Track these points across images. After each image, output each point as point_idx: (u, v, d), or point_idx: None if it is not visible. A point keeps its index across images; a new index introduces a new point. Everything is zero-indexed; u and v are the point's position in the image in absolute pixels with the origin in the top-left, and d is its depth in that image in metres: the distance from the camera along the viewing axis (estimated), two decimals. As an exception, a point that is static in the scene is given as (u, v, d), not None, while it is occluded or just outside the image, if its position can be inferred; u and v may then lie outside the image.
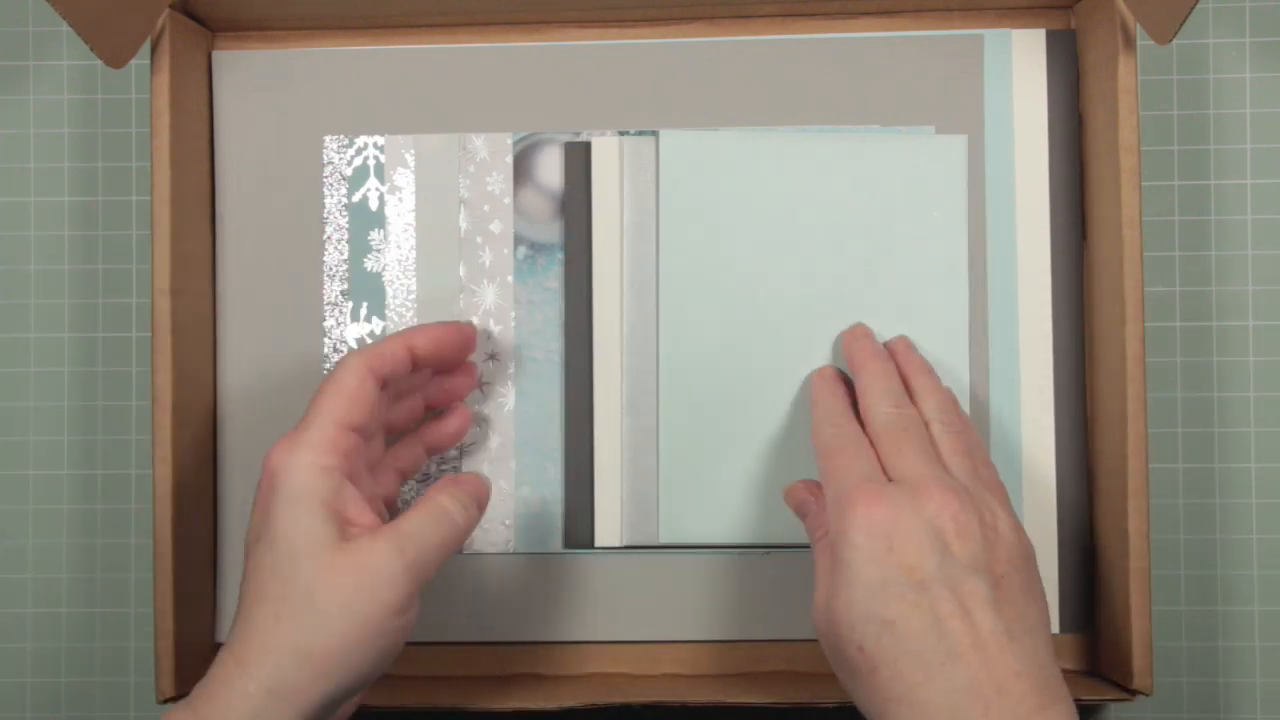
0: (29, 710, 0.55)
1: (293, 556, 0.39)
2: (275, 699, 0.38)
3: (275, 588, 0.39)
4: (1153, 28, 0.46)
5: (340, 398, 0.41)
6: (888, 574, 0.38)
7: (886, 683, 0.37)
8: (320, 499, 0.39)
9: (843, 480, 0.41)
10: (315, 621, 0.38)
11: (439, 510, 0.41)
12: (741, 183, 0.50)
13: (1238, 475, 0.54)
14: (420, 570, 0.40)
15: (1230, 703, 0.54)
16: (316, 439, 0.40)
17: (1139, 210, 0.47)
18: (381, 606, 0.38)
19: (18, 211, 0.56)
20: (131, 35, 0.48)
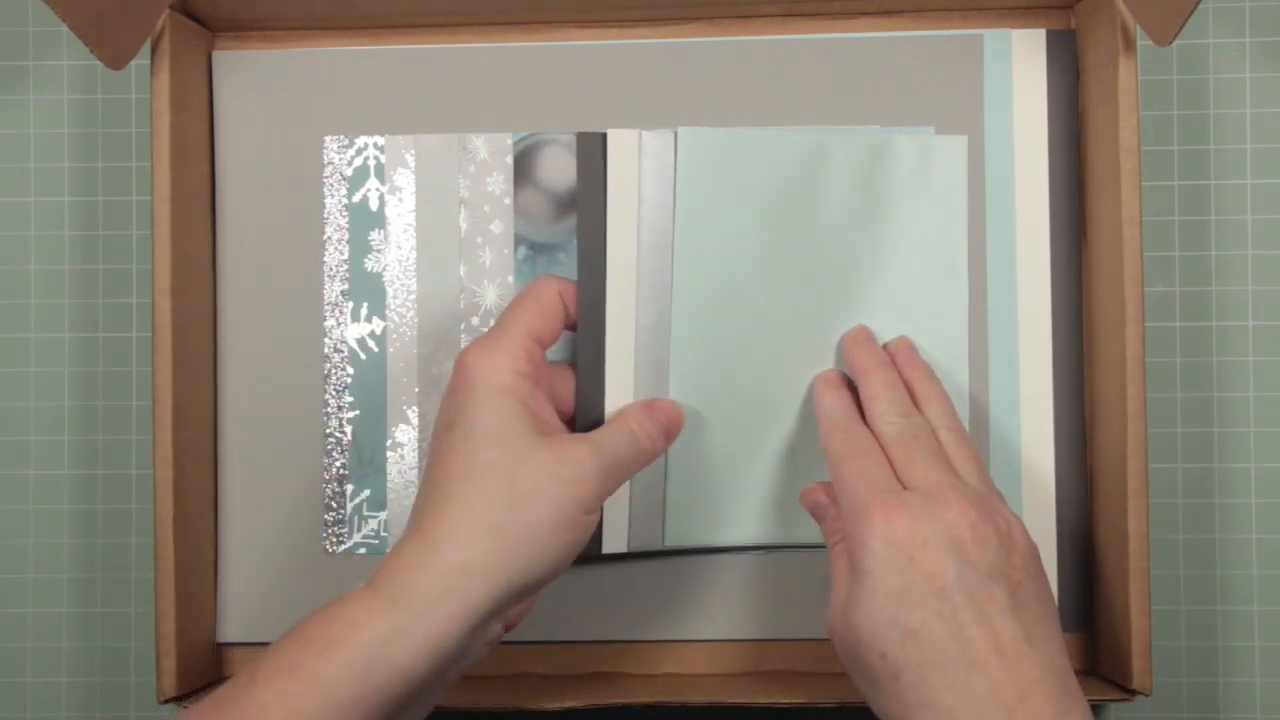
0: (29, 710, 0.55)
1: (491, 442, 0.40)
2: (465, 575, 0.38)
3: (473, 469, 0.40)
4: (1153, 29, 0.46)
5: (537, 311, 0.44)
6: (910, 582, 0.38)
7: (909, 689, 0.38)
8: (518, 399, 0.41)
9: (858, 488, 0.41)
10: (512, 501, 0.39)
11: (628, 431, 0.43)
12: (755, 180, 0.49)
13: (1238, 475, 0.54)
14: (610, 476, 0.41)
15: (1230, 703, 0.54)
16: (510, 344, 0.42)
17: (1139, 210, 0.47)
18: (575, 499, 0.40)
19: (18, 211, 0.56)
20: (131, 36, 0.48)
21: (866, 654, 0.39)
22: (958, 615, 0.38)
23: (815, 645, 0.52)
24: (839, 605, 0.41)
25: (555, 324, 0.44)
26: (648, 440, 0.44)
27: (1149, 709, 0.54)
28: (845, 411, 0.45)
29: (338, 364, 0.53)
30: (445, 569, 0.38)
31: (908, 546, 0.39)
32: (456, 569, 0.38)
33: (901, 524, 0.39)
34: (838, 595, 0.41)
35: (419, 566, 0.39)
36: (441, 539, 0.39)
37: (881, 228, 0.50)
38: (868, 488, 0.41)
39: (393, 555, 0.40)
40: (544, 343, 0.44)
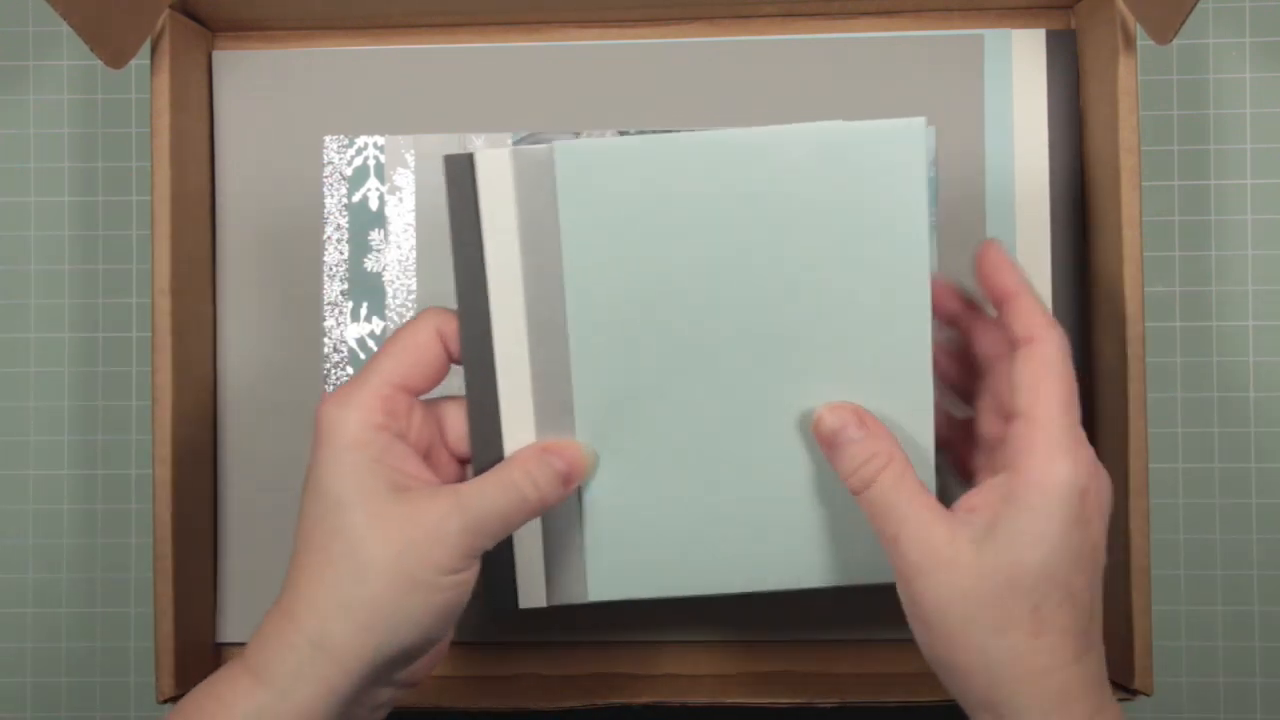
0: (29, 710, 0.55)
1: (339, 506, 0.38)
2: (320, 651, 0.37)
3: (319, 538, 0.38)
4: (1153, 28, 0.46)
5: (403, 355, 0.40)
6: (1084, 544, 0.37)
7: (1045, 651, 0.36)
8: (368, 453, 0.38)
9: (1056, 418, 0.37)
10: (359, 573, 0.37)
11: (508, 481, 0.39)
12: (650, 194, 0.41)
13: (1238, 475, 0.54)
14: (477, 535, 0.38)
15: (1230, 703, 0.54)
16: (364, 396, 0.39)
17: (1139, 210, 0.47)
18: (431, 564, 0.37)
19: (18, 211, 0.56)
20: (131, 35, 0.48)
21: (1015, 600, 0.36)
22: (1095, 593, 0.37)
23: (815, 645, 0.52)
24: (978, 533, 0.37)
25: (431, 366, 0.40)
26: (534, 489, 0.39)
27: (1150, 709, 0.54)
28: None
29: (338, 364, 0.53)
30: (303, 645, 0.37)
31: (1091, 509, 0.37)
32: (313, 645, 0.37)
33: (1096, 486, 0.37)
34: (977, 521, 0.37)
35: (280, 642, 0.37)
36: (298, 613, 0.37)
37: (821, 229, 0.41)
38: (1068, 422, 0.37)
39: (261, 627, 0.38)
40: (415, 388, 0.40)
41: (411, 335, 0.40)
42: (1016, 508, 0.37)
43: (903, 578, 0.38)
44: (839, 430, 0.40)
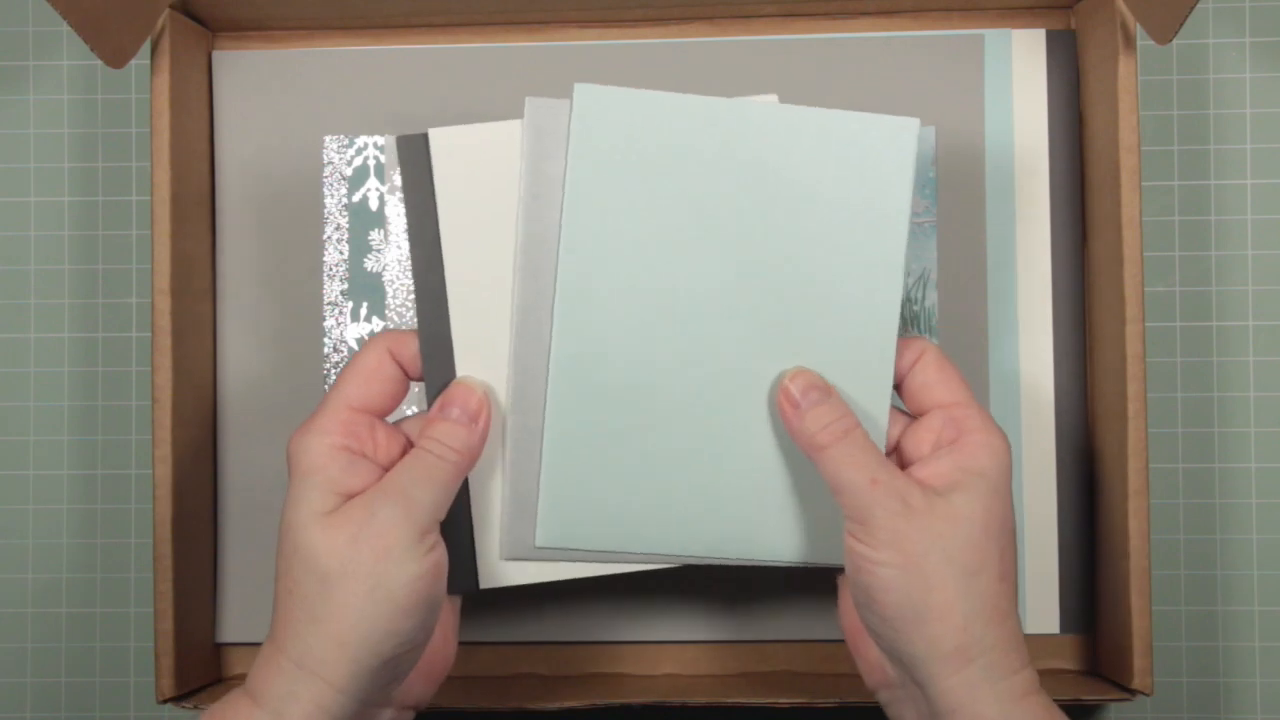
0: (29, 710, 0.55)
1: (294, 531, 0.39)
2: (303, 670, 0.38)
3: (283, 564, 0.40)
4: (1153, 28, 0.46)
5: (355, 379, 0.42)
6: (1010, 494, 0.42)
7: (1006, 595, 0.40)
8: (326, 476, 0.40)
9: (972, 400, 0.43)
10: (322, 589, 0.39)
11: (421, 452, 0.41)
12: (663, 151, 0.43)
13: (1238, 475, 0.54)
14: (415, 514, 0.39)
15: (1230, 703, 0.54)
16: (326, 421, 0.41)
17: (1139, 210, 0.47)
18: (383, 557, 0.39)
19: (18, 211, 0.56)
20: (131, 35, 0.48)
21: (988, 543, 0.40)
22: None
23: (815, 645, 0.52)
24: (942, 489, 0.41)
25: (386, 385, 0.42)
26: (448, 448, 0.41)
27: (1149, 709, 0.54)
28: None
29: (338, 364, 0.53)
30: (289, 667, 0.39)
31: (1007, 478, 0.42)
32: (296, 665, 0.39)
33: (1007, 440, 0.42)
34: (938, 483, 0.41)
35: (270, 667, 0.39)
36: (281, 637, 0.39)
37: (814, 215, 0.43)
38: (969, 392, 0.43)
39: (257, 655, 0.40)
40: (375, 408, 0.42)
41: (363, 359, 0.42)
42: (975, 472, 0.41)
43: (873, 532, 0.40)
44: (805, 391, 0.42)
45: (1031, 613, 0.52)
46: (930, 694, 0.39)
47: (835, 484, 0.41)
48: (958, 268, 0.52)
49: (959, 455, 0.41)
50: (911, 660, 0.39)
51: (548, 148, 0.43)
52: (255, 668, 0.40)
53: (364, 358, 0.42)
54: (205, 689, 0.51)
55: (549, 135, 0.43)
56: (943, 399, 0.43)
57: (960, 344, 0.52)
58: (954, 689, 0.39)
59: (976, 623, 0.39)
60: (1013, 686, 0.39)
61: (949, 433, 0.42)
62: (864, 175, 0.43)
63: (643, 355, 0.43)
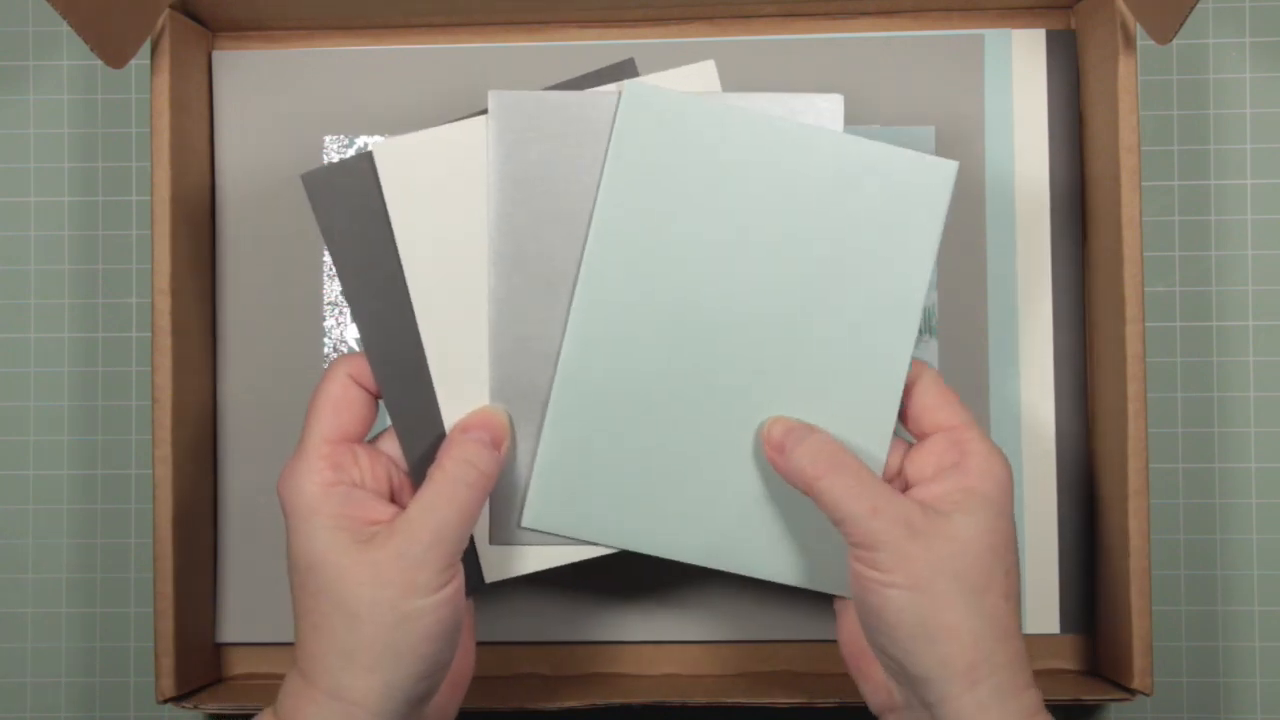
0: (29, 710, 0.55)
1: (313, 569, 0.40)
2: (338, 702, 0.39)
3: (308, 602, 0.40)
4: (1153, 28, 0.46)
5: (325, 412, 0.42)
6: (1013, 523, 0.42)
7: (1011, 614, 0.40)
8: (328, 512, 0.40)
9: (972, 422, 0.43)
10: (349, 623, 0.39)
11: (445, 479, 0.41)
12: (702, 160, 0.42)
13: (1238, 475, 0.54)
14: (443, 544, 0.39)
15: (1230, 703, 0.54)
16: (312, 461, 0.41)
17: (1139, 210, 0.47)
18: (409, 590, 0.39)
19: (18, 211, 0.56)
20: (131, 35, 0.48)
21: (994, 562, 0.40)
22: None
23: (815, 645, 0.52)
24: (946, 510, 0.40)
25: (356, 410, 0.42)
26: (470, 469, 0.41)
27: (1149, 709, 0.54)
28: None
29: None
30: (323, 699, 0.39)
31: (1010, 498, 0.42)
32: (331, 697, 0.39)
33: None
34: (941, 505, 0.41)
35: (301, 696, 0.40)
36: (312, 672, 0.40)
37: (838, 242, 0.43)
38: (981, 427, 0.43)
39: (284, 684, 0.41)
40: (352, 434, 0.42)
41: (328, 390, 0.42)
42: (978, 494, 0.41)
43: (884, 550, 0.39)
44: (786, 434, 0.42)
45: (1031, 613, 0.52)
46: (940, 714, 0.39)
47: (835, 515, 0.40)
48: (958, 267, 0.52)
49: (961, 477, 0.41)
50: (923, 681, 0.39)
51: (519, 138, 0.43)
52: (285, 696, 0.40)
53: (328, 389, 0.42)
54: (205, 689, 0.51)
55: (518, 126, 0.43)
56: (943, 422, 0.43)
57: (960, 344, 0.52)
58: (965, 709, 0.39)
59: (986, 641, 0.39)
60: (1021, 706, 0.39)
61: (950, 456, 0.42)
62: (896, 211, 0.43)
63: (653, 363, 0.43)
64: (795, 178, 0.43)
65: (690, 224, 0.43)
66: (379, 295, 0.43)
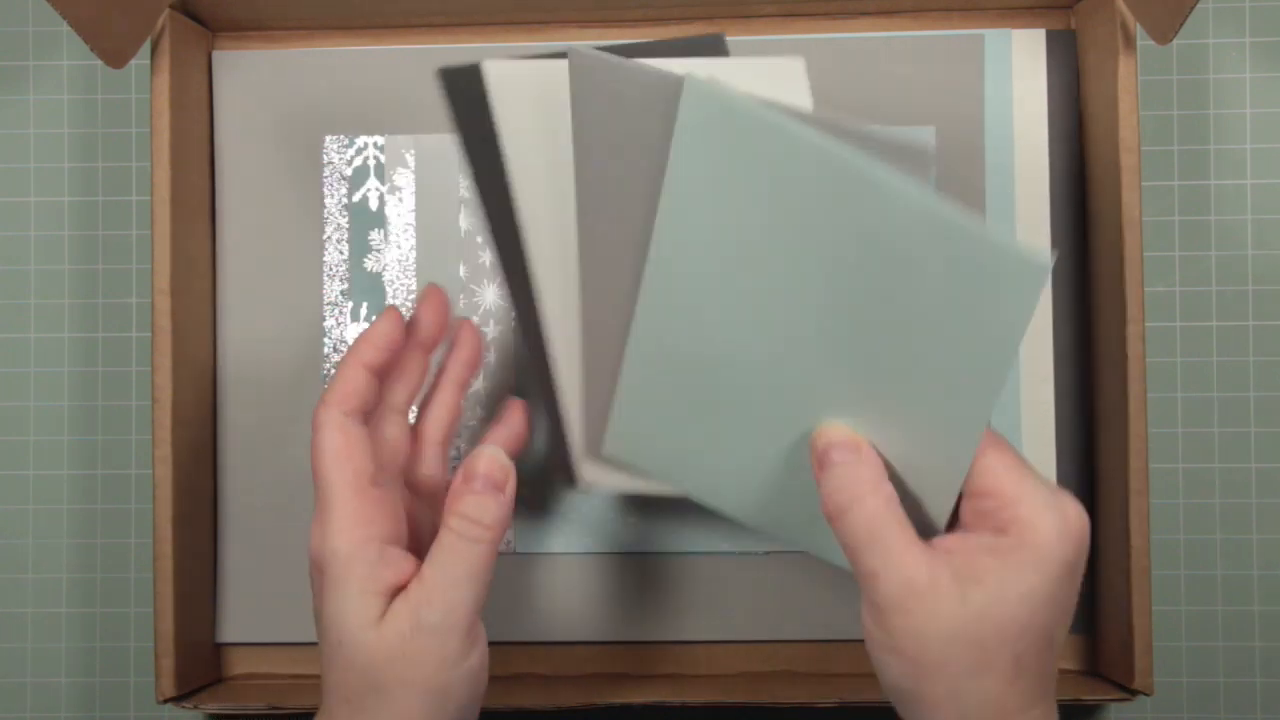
0: (29, 710, 0.55)
1: (342, 644, 0.39)
2: None
3: (337, 675, 0.39)
4: (1153, 28, 0.46)
5: (340, 461, 0.41)
6: (1070, 596, 0.37)
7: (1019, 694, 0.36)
8: (356, 579, 0.39)
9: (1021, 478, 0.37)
10: (377, 699, 0.39)
11: (451, 541, 0.40)
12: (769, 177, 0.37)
13: (1238, 475, 0.54)
14: (464, 609, 0.39)
15: (1230, 703, 0.54)
16: (340, 517, 0.40)
17: (1139, 210, 0.47)
18: (440, 664, 0.39)
19: (18, 211, 0.56)
20: (131, 35, 0.48)
21: (998, 648, 0.36)
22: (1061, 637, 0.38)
23: (815, 645, 0.52)
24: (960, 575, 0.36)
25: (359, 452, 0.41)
26: (478, 529, 0.39)
27: (1150, 709, 0.54)
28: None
29: (337, 364, 0.53)
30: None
31: (1078, 557, 0.36)
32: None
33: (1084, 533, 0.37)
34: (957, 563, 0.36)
35: None
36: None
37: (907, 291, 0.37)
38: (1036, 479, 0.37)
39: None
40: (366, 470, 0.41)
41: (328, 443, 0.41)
42: (1007, 564, 0.36)
43: (877, 609, 0.37)
44: (825, 451, 0.39)
45: (1031, 613, 0.52)
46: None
47: (845, 552, 0.38)
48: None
49: (1000, 543, 0.36)
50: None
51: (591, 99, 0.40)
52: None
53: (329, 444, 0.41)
54: (205, 689, 0.51)
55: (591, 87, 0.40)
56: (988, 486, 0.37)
57: (960, 344, 0.52)
58: None
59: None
60: None
61: (992, 521, 0.37)
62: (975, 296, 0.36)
63: (721, 347, 0.41)
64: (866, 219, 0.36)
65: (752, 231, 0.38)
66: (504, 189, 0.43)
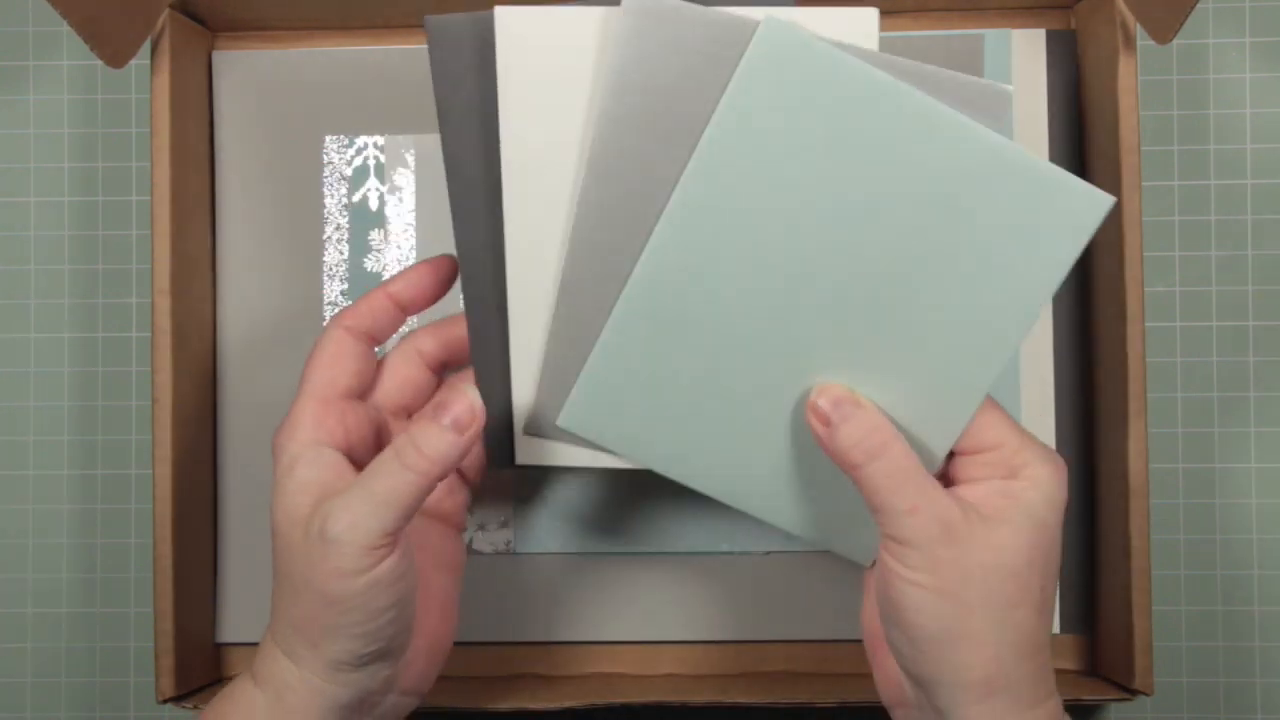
0: (29, 710, 0.55)
1: (276, 534, 0.40)
2: (293, 663, 0.40)
3: (275, 563, 0.40)
4: (1153, 28, 0.46)
5: (319, 368, 0.42)
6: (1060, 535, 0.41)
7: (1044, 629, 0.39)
8: (297, 475, 0.40)
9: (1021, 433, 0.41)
10: (292, 595, 0.39)
11: (385, 456, 0.39)
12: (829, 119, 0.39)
13: (1238, 475, 0.54)
14: (364, 529, 0.38)
15: (1230, 703, 0.54)
16: (301, 418, 0.41)
17: (1139, 210, 0.47)
18: (333, 574, 0.38)
19: (18, 211, 0.56)
20: (131, 35, 0.48)
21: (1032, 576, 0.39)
22: None
23: (815, 645, 0.52)
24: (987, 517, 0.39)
25: (346, 367, 0.42)
26: (416, 454, 0.39)
27: (1150, 709, 0.54)
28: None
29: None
30: (281, 658, 0.40)
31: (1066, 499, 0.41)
32: (287, 656, 0.40)
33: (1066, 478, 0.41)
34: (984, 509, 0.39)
35: (267, 652, 0.41)
36: (274, 626, 0.41)
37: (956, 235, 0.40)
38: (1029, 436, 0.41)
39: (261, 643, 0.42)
40: (342, 389, 0.42)
41: (321, 344, 0.43)
42: (1021, 504, 0.39)
43: (916, 546, 0.38)
44: (835, 405, 0.40)
45: (1031, 613, 0.52)
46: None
47: (872, 504, 0.39)
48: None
49: (1010, 487, 0.40)
50: (933, 685, 0.38)
51: (646, 44, 0.40)
52: (258, 651, 0.41)
53: (322, 344, 0.43)
54: (205, 689, 0.51)
55: (649, 31, 0.40)
56: (996, 439, 0.41)
57: (960, 344, 0.52)
58: (977, 718, 0.38)
59: (1009, 655, 0.38)
60: (1036, 718, 0.38)
61: (1002, 470, 0.40)
62: (1033, 230, 0.39)
63: (725, 297, 0.41)
64: (935, 170, 0.39)
65: (800, 174, 0.40)
66: (474, 162, 0.42)
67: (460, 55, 0.42)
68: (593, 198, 0.41)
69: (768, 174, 0.40)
